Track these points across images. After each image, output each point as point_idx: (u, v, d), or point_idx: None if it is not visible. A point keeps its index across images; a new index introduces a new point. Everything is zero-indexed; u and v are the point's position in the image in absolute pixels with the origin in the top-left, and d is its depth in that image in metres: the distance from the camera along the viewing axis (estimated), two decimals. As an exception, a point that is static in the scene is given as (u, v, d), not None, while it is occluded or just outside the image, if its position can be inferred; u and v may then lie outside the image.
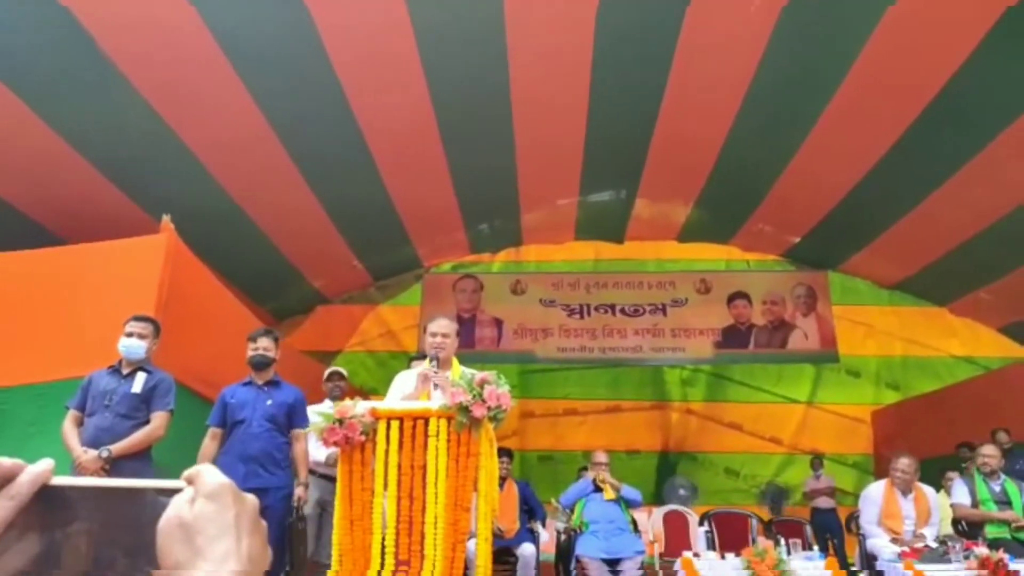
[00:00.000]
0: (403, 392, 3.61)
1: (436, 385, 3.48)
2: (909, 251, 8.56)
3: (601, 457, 5.36)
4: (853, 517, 6.49)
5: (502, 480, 5.53)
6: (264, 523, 0.56)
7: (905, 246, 8.44)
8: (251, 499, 0.56)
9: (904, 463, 4.90)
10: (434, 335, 3.65)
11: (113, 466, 3.46)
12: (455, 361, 3.71)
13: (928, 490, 4.96)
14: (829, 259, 9.52)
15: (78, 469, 3.41)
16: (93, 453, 3.42)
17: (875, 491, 4.98)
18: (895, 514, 4.77)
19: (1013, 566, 3.77)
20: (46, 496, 0.52)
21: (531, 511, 5.46)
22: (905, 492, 4.87)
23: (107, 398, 3.55)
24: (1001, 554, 3.81)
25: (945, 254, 8.25)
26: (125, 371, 3.64)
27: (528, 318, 9.70)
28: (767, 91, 6.33)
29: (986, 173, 6.69)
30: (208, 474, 0.54)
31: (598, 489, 5.22)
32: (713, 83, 6.38)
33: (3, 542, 0.50)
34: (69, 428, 3.55)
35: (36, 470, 0.52)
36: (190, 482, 0.54)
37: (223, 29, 5.17)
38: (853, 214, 8.06)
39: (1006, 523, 4.75)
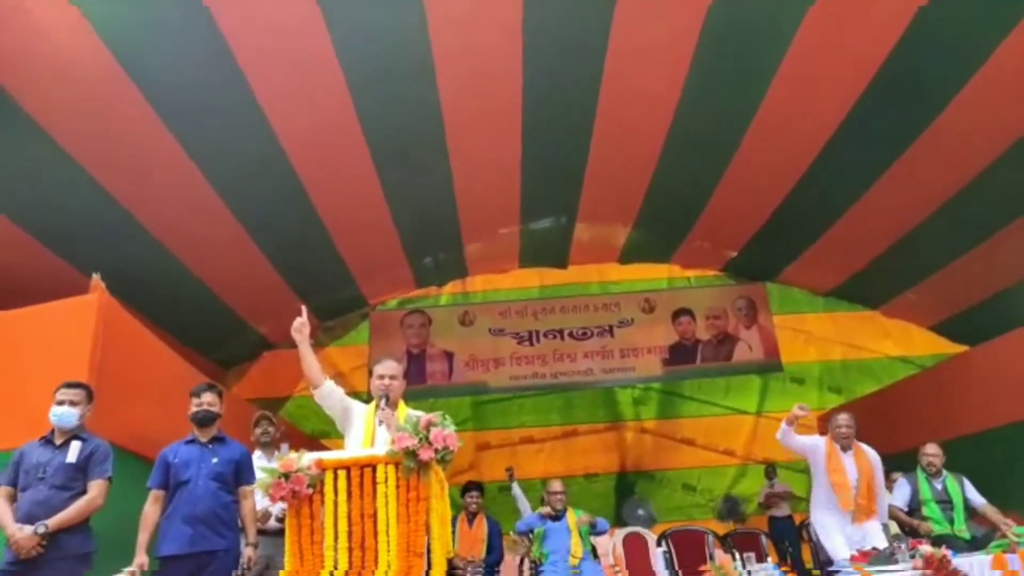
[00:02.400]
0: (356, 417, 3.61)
1: (381, 421, 3.46)
2: (840, 258, 8.85)
3: (556, 486, 5.35)
4: (804, 525, 6.62)
5: (473, 515, 5.55)
6: None
7: (836, 253, 8.72)
8: None
9: (843, 418, 4.90)
10: (381, 377, 3.65)
11: (51, 540, 3.33)
12: (401, 403, 3.71)
13: (868, 449, 4.88)
14: (766, 271, 9.78)
15: (13, 548, 3.27)
16: (28, 529, 3.29)
17: (820, 443, 4.92)
18: (839, 469, 4.74)
19: (956, 561, 3.89)
20: None
21: (490, 549, 5.44)
22: (845, 448, 4.85)
23: (41, 470, 3.43)
24: (944, 551, 3.91)
25: (874, 258, 8.55)
26: (58, 441, 3.52)
27: (478, 349, 9.70)
28: (695, 108, 6.44)
29: (906, 180, 6.97)
30: None
31: (555, 518, 5.22)
32: (643, 102, 6.47)
33: None
34: (1, 505, 3.40)
35: None
36: None
37: (147, 78, 5.10)
38: (785, 225, 8.29)
39: (949, 521, 4.87)
